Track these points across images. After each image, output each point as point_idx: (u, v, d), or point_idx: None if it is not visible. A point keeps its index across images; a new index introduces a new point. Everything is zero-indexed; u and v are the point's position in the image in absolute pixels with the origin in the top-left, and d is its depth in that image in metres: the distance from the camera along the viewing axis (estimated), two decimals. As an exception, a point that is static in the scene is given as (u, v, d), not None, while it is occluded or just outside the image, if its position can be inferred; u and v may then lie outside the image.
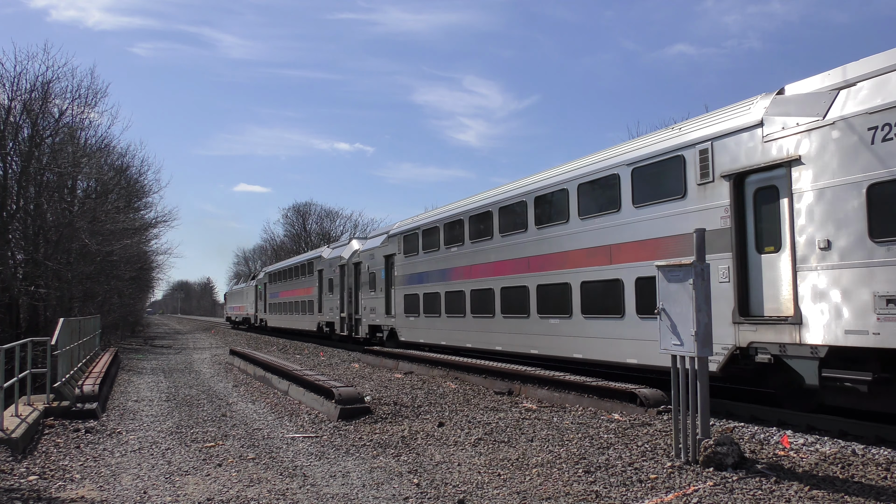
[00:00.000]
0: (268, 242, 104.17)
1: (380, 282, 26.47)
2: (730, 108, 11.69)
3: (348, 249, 31.75)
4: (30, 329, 23.80)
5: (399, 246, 24.65)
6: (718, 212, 11.18)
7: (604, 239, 14.05)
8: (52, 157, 25.58)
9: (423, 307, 22.47)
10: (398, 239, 24.89)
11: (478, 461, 8.59)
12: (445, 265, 21.10)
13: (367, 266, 27.93)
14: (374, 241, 28.34)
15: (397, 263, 24.75)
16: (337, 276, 32.49)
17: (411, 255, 23.65)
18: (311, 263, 38.09)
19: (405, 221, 25.48)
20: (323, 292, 35.29)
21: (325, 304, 34.79)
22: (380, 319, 26.59)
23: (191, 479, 8.04)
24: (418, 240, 23.17)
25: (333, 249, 35.27)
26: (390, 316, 25.45)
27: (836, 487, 6.95)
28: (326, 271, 34.60)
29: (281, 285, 46.59)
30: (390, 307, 25.54)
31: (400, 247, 24.57)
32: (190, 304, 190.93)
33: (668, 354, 8.42)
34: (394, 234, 25.51)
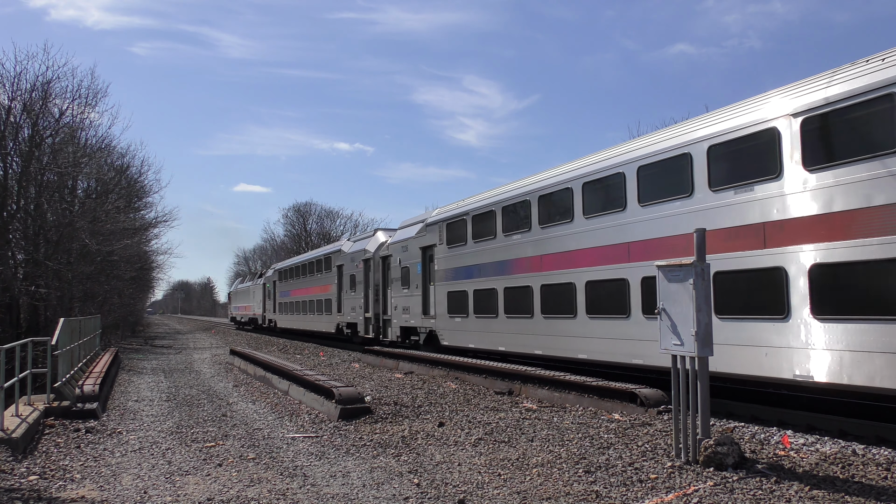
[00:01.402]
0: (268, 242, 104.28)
1: (415, 277, 23.23)
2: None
3: (374, 242, 28.44)
4: (30, 329, 23.81)
5: (440, 235, 21.25)
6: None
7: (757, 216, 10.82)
8: (52, 157, 25.59)
9: (474, 306, 19.22)
10: (439, 227, 21.45)
11: (478, 461, 8.59)
12: (505, 255, 17.73)
13: (399, 260, 24.57)
14: (406, 231, 24.78)
15: (438, 256, 21.44)
16: (360, 272, 29.05)
17: (457, 245, 20.26)
18: (329, 259, 34.53)
19: (447, 207, 21.96)
20: (343, 290, 31.98)
21: (346, 304, 31.37)
22: (415, 320, 23.23)
23: (191, 479, 8.05)
24: (467, 227, 19.72)
25: (355, 242, 31.94)
26: (428, 317, 22.20)
27: (837, 487, 6.95)
28: (347, 267, 31.19)
29: (293, 283, 42.96)
30: (428, 306, 22.37)
31: (441, 236, 21.19)
32: (190, 304, 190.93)
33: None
34: (433, 222, 22.01)
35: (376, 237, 28.71)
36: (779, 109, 10.42)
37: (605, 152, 14.73)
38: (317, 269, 37.22)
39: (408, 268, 23.89)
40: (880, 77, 9.07)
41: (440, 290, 21.27)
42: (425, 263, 22.58)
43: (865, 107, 9.26)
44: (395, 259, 25.14)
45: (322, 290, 35.75)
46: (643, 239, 13.02)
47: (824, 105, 9.75)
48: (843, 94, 9.51)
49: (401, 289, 24.57)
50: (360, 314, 29.37)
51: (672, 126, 13.41)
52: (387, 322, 26.34)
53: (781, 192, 10.32)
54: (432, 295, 22.04)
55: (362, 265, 28.87)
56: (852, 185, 9.32)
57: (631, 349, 13.30)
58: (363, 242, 30.01)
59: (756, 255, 10.65)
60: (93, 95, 28.54)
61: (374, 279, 27.70)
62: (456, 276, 20.30)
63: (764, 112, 10.69)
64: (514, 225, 17.34)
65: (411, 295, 23.60)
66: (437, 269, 21.45)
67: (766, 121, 10.59)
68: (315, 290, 37.25)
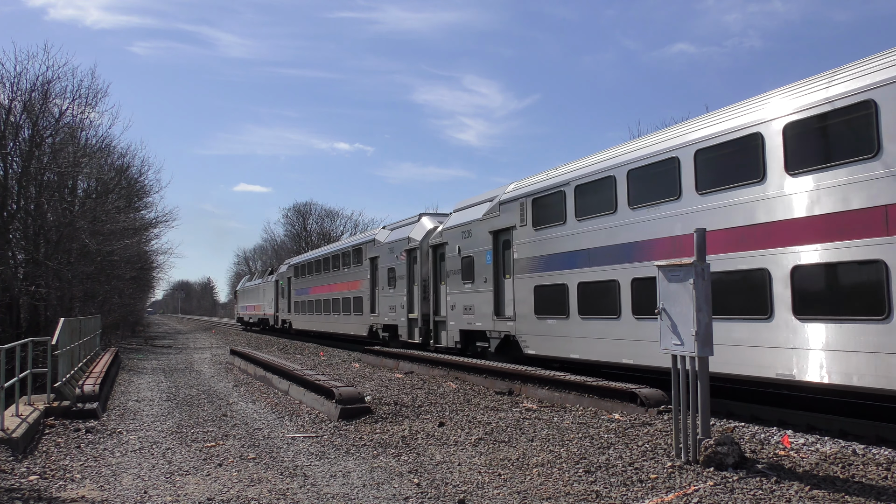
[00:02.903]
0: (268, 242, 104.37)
1: (482, 269, 18.99)
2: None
3: (419, 229, 24.27)
4: (30, 329, 23.82)
5: (522, 214, 17.03)
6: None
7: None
8: (52, 157, 25.60)
9: (579, 304, 14.82)
10: (521, 205, 17.18)
11: (478, 461, 8.59)
12: (633, 236, 13.28)
13: (458, 248, 20.24)
14: (467, 213, 20.40)
15: (519, 240, 17.14)
16: (402, 265, 24.86)
17: (550, 225, 15.93)
18: (360, 250, 30.08)
19: (528, 180, 17.60)
20: (378, 286, 27.55)
21: (382, 303, 26.90)
22: (483, 323, 18.96)
23: (191, 479, 8.05)
24: (566, 202, 15.33)
25: (393, 230, 27.37)
26: (503, 318, 17.96)
27: (837, 487, 6.95)
28: (384, 259, 26.85)
29: (312, 279, 38.25)
30: (503, 305, 18.20)
31: (524, 215, 16.94)
32: (190, 303, 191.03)
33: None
34: (511, 199, 17.66)
35: (422, 223, 24.48)
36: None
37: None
38: (343, 262, 32.64)
39: (471, 257, 19.57)
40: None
41: (522, 284, 17.00)
42: (498, 251, 18.42)
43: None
44: (452, 247, 20.78)
45: (350, 286, 31.30)
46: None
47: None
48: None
49: (461, 284, 20.18)
50: (401, 315, 25.01)
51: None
52: (440, 325, 22.09)
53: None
54: (509, 290, 17.81)
55: (404, 256, 24.62)
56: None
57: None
58: (405, 230, 25.66)
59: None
60: (93, 95, 28.58)
61: (421, 273, 23.41)
62: (549, 266, 15.92)
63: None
64: (650, 194, 12.97)
65: (477, 291, 19.31)
66: (518, 257, 17.16)
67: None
68: (341, 287, 32.76)
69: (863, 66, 9.64)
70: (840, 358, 9.41)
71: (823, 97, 9.86)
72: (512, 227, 17.58)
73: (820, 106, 9.90)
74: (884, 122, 9.03)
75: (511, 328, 17.50)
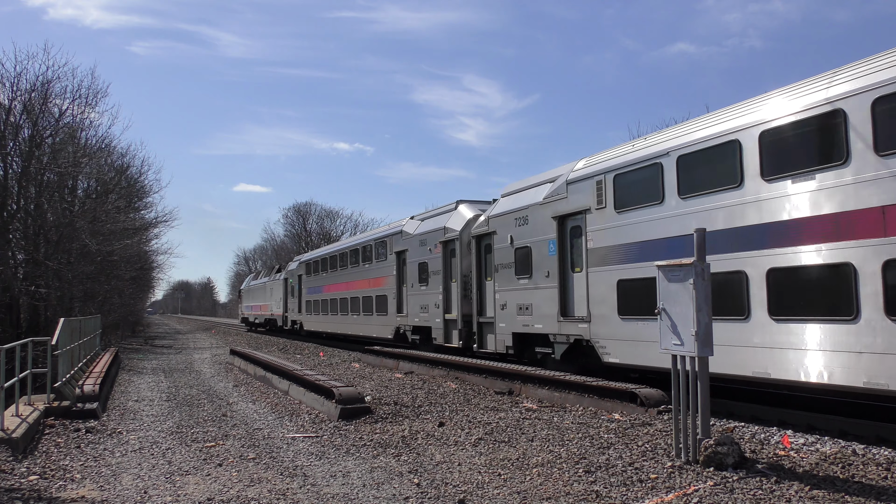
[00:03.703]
0: (268, 242, 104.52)
1: (543, 261, 16.20)
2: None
3: (457, 218, 21.53)
4: (30, 329, 23.82)
5: (600, 194, 14.27)
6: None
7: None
8: (52, 157, 25.61)
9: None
10: (597, 184, 14.37)
11: (478, 461, 8.59)
12: (762, 216, 10.70)
13: (510, 237, 17.61)
14: (521, 197, 17.70)
15: (595, 226, 14.40)
16: (436, 259, 22.16)
17: (640, 206, 13.17)
18: (384, 244, 27.42)
19: (606, 154, 14.77)
20: (406, 283, 24.83)
21: (412, 301, 24.23)
22: (544, 324, 16.16)
23: (191, 479, 8.05)
24: (662, 176, 12.61)
25: (424, 221, 24.50)
26: (572, 319, 15.12)
27: (837, 487, 6.95)
28: (413, 252, 24.14)
29: (327, 277, 35.34)
30: (570, 303, 15.41)
31: (602, 195, 14.19)
32: (190, 304, 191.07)
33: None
34: (584, 177, 14.87)
35: (460, 212, 21.76)
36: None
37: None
38: (364, 257, 29.87)
39: (527, 248, 16.85)
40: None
41: (600, 278, 14.25)
42: (564, 240, 15.59)
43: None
44: (503, 237, 18.05)
45: (372, 284, 28.69)
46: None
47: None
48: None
49: (514, 279, 17.49)
50: (435, 315, 22.26)
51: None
52: (485, 326, 19.32)
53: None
54: (580, 286, 14.98)
55: (440, 249, 21.92)
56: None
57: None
58: (440, 219, 22.86)
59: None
60: (93, 95, 28.59)
61: (461, 267, 20.72)
62: (639, 255, 13.06)
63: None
64: (797, 161, 10.28)
65: (535, 287, 16.50)
66: (594, 246, 14.39)
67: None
68: (361, 285, 30.05)
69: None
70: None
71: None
72: (584, 210, 14.72)
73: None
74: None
75: (584, 331, 14.61)
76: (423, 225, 24.19)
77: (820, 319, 9.73)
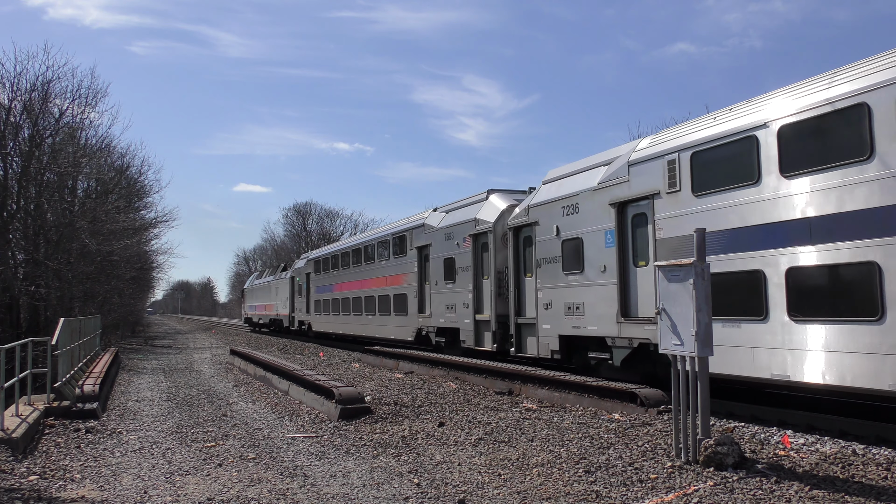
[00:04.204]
0: (268, 242, 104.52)
1: (598, 254, 14.20)
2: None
3: (489, 208, 19.61)
4: (30, 329, 23.83)
5: (673, 175, 12.24)
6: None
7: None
8: (52, 157, 25.62)
9: (790, 300, 10.17)
10: (668, 163, 12.38)
11: (478, 461, 8.59)
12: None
13: (555, 229, 15.53)
14: (567, 183, 15.57)
15: (666, 213, 12.37)
16: (465, 254, 20.37)
17: (727, 188, 11.29)
18: (403, 239, 25.28)
19: (679, 129, 12.87)
20: (429, 281, 22.93)
21: (436, 300, 22.27)
22: (600, 326, 14.08)
23: (191, 479, 8.05)
24: (757, 151, 10.80)
25: (449, 213, 22.43)
26: (635, 320, 13.13)
27: (837, 487, 6.95)
28: (437, 247, 22.24)
29: (338, 275, 33.45)
30: (633, 302, 13.44)
31: (677, 176, 12.14)
32: (190, 303, 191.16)
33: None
34: (651, 157, 12.85)
35: (492, 202, 19.81)
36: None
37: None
38: (380, 254, 27.96)
39: (578, 240, 14.82)
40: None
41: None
42: (624, 229, 13.69)
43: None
44: (547, 228, 16.03)
45: (390, 282, 26.81)
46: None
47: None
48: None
49: (561, 275, 15.47)
50: (464, 315, 20.38)
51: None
52: (525, 328, 17.18)
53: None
54: (646, 282, 12.94)
55: (469, 243, 20.13)
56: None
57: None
58: (468, 210, 20.90)
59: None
60: (93, 95, 28.60)
61: (494, 262, 18.95)
62: (728, 245, 11.17)
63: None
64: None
65: (588, 284, 14.49)
66: (665, 236, 12.45)
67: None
68: (377, 283, 28.15)
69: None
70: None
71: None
72: (651, 195, 12.80)
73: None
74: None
75: (651, 333, 12.58)
76: (448, 217, 22.21)
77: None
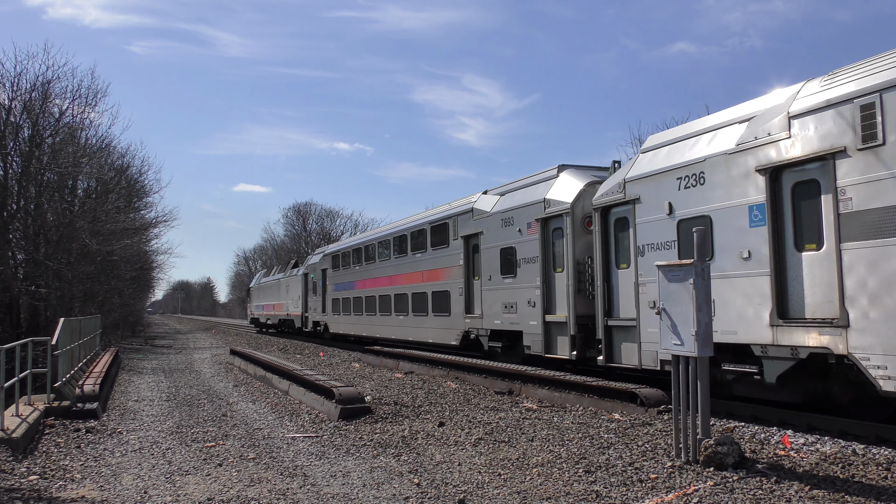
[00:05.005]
0: (268, 242, 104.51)
1: (738, 237, 10.95)
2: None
3: (566, 186, 16.12)
4: (30, 329, 23.83)
5: (871, 125, 8.96)
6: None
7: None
8: (52, 157, 25.64)
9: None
10: (861, 109, 9.07)
11: (478, 461, 8.59)
12: None
13: (667, 206, 12.33)
14: (680, 150, 12.48)
15: (857, 177, 9.16)
16: (530, 242, 16.94)
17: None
18: (445, 227, 21.87)
19: (879, 61, 9.32)
20: (479, 275, 19.52)
21: (488, 298, 18.91)
22: (740, 330, 10.83)
23: (191, 479, 8.05)
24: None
25: (506, 196, 18.97)
26: (805, 322, 9.85)
27: (837, 487, 6.95)
28: (491, 235, 18.87)
29: (361, 270, 30.15)
30: (795, 297, 10.16)
31: (878, 127, 8.86)
32: (190, 303, 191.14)
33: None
34: (826, 105, 9.62)
35: (565, 179, 16.42)
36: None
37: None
38: (415, 245, 24.46)
39: (705, 219, 11.56)
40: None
41: (871, 257, 8.94)
42: (779, 203, 10.41)
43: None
44: (652, 206, 12.71)
45: (426, 277, 23.34)
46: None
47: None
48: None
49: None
50: (529, 316, 16.98)
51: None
52: (620, 332, 13.70)
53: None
54: (821, 271, 9.72)
55: (536, 229, 16.72)
56: None
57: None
58: (534, 190, 17.42)
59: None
60: (93, 95, 28.62)
61: (573, 252, 15.50)
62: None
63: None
64: None
65: (724, 275, 11.08)
66: (856, 208, 9.15)
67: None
68: (409, 279, 24.84)
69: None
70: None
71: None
72: (830, 153, 9.51)
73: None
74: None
75: (833, 341, 9.34)
76: (505, 200, 18.81)
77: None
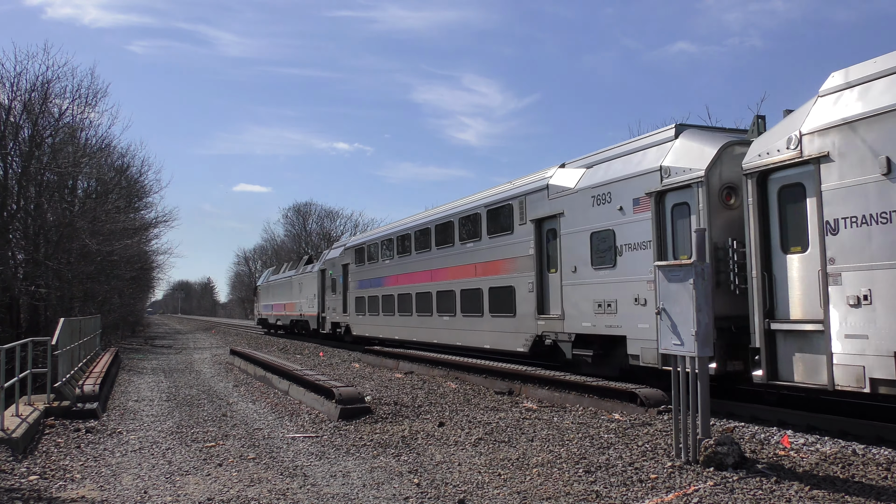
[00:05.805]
0: (268, 242, 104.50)
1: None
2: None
3: (690, 150, 12.21)
4: (30, 329, 23.84)
5: None
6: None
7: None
8: (52, 157, 25.65)
9: None
10: None
11: (478, 461, 8.60)
12: None
13: (879, 165, 8.56)
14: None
15: None
16: (637, 224, 13.01)
17: None
18: (510, 209, 17.85)
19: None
20: (557, 267, 15.65)
21: (571, 295, 15.05)
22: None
23: (191, 479, 8.05)
24: None
25: (594, 167, 14.85)
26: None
27: (837, 487, 6.95)
28: (576, 217, 15.00)
29: (391, 265, 26.13)
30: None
31: None
32: (190, 303, 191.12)
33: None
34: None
35: (688, 143, 12.46)
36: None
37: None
38: (466, 232, 20.40)
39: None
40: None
41: None
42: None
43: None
44: (846, 168, 9.06)
45: (482, 270, 19.28)
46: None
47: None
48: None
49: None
50: (635, 316, 13.02)
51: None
52: (791, 339, 9.94)
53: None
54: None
55: (647, 206, 12.77)
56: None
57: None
58: (641, 157, 13.37)
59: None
60: (93, 95, 28.66)
61: (709, 234, 11.08)
62: None
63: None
64: None
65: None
66: None
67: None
68: (457, 273, 20.72)
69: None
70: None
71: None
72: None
73: None
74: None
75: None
76: (595, 172, 14.70)
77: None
